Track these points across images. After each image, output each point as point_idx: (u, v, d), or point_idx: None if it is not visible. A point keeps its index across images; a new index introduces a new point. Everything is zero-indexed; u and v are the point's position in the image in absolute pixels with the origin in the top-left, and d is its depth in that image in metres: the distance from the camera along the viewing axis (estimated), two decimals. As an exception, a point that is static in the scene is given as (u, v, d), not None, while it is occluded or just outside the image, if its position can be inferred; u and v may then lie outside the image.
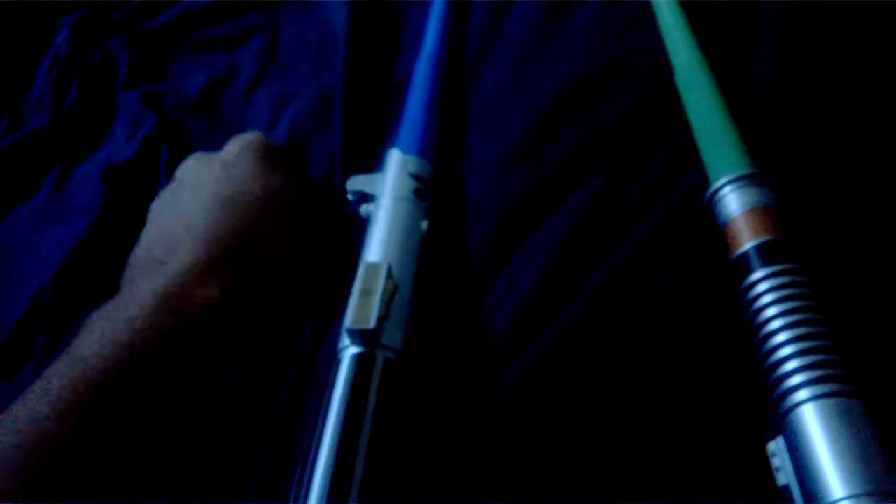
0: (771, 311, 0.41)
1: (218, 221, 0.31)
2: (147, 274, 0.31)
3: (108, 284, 0.63)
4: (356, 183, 0.58)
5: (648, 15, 0.63)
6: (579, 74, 0.62)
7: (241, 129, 0.73)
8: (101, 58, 0.82)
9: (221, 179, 0.33)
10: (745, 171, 0.47)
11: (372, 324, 0.45)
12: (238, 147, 0.35)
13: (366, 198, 0.57)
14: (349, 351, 0.46)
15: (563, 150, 0.58)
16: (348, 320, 0.46)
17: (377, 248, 0.52)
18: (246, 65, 0.79)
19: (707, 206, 0.49)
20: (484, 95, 0.67)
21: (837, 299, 0.42)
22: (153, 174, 0.70)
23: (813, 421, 0.36)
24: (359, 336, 0.46)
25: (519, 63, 0.67)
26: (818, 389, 0.37)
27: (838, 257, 0.47)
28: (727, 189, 0.47)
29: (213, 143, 0.71)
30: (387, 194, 0.55)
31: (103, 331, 0.31)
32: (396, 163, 0.57)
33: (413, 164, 0.57)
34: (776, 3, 0.61)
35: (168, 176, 0.69)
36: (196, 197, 0.33)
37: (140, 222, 0.67)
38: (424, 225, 0.54)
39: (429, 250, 0.54)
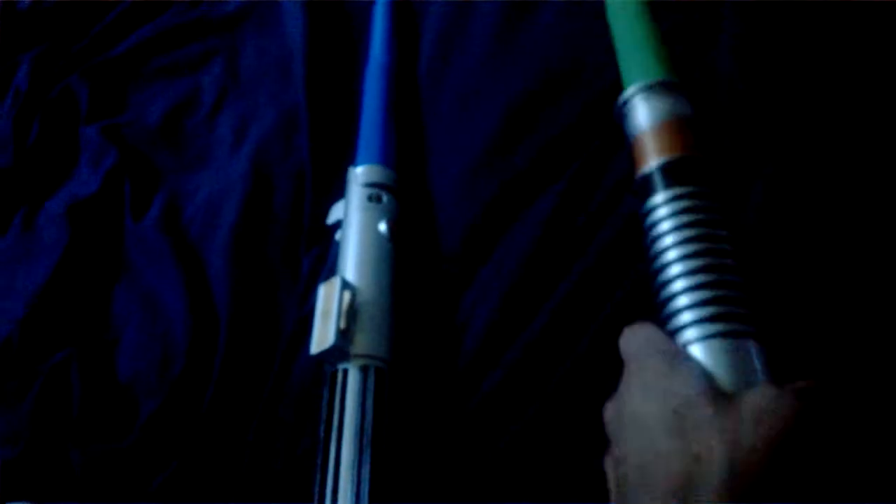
0: (667, 241, 0.36)
1: None
2: None
3: (74, 325, 0.63)
4: (334, 213, 0.59)
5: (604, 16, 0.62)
6: (539, 78, 0.61)
7: (205, 155, 0.73)
8: (62, 92, 0.81)
9: None
10: (658, 77, 0.42)
11: (331, 340, 0.45)
12: None
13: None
14: (331, 368, 0.47)
15: (525, 154, 0.57)
16: (312, 346, 0.46)
17: (341, 264, 0.53)
18: (207, 89, 0.78)
19: (616, 119, 0.43)
20: (447, 100, 0.66)
21: (751, 227, 0.39)
22: (118, 209, 0.69)
23: (701, 362, 0.33)
24: (325, 357, 0.46)
25: (481, 67, 0.66)
26: (707, 329, 0.33)
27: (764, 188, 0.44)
28: (637, 99, 0.41)
29: (179, 171, 0.72)
30: (346, 212, 0.56)
31: None
32: (351, 180, 0.57)
33: (365, 173, 0.57)
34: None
35: (133, 210, 0.69)
36: None
37: (105, 257, 0.67)
38: (383, 227, 0.54)
39: (404, 258, 0.54)
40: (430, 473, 0.47)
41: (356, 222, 0.55)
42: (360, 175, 0.57)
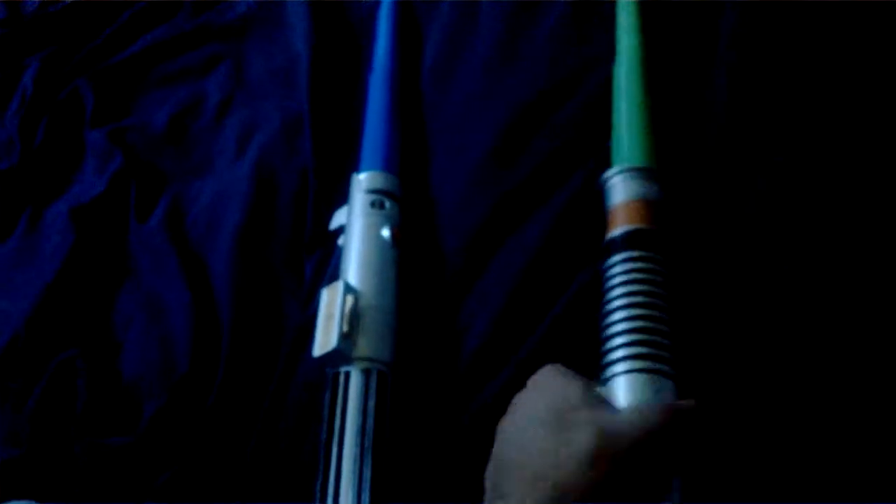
0: (617, 291, 0.42)
1: None
2: None
3: (78, 326, 0.63)
4: (337, 219, 0.59)
5: (608, 20, 0.62)
6: (541, 86, 0.62)
7: (210, 160, 0.73)
8: (68, 96, 0.82)
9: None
10: (637, 164, 0.48)
11: (333, 343, 0.46)
12: None
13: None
14: (333, 371, 0.48)
15: (529, 161, 0.58)
16: (314, 349, 0.47)
17: (344, 269, 0.53)
18: (212, 94, 0.78)
19: (598, 191, 0.49)
20: (451, 105, 0.67)
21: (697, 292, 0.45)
22: (123, 211, 0.70)
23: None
24: (328, 360, 0.47)
25: (485, 72, 0.67)
26: (633, 364, 0.39)
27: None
28: (615, 179, 0.48)
29: (183, 175, 0.72)
30: (349, 218, 0.56)
31: None
32: (353, 186, 0.58)
33: (368, 179, 0.58)
34: (734, 11, 0.60)
35: (137, 213, 0.69)
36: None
37: (109, 259, 0.68)
38: (386, 232, 0.54)
39: (407, 264, 0.55)
40: (431, 476, 0.47)
41: (359, 228, 0.55)
42: (363, 181, 0.58)
